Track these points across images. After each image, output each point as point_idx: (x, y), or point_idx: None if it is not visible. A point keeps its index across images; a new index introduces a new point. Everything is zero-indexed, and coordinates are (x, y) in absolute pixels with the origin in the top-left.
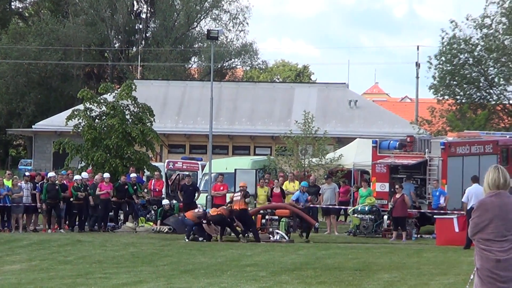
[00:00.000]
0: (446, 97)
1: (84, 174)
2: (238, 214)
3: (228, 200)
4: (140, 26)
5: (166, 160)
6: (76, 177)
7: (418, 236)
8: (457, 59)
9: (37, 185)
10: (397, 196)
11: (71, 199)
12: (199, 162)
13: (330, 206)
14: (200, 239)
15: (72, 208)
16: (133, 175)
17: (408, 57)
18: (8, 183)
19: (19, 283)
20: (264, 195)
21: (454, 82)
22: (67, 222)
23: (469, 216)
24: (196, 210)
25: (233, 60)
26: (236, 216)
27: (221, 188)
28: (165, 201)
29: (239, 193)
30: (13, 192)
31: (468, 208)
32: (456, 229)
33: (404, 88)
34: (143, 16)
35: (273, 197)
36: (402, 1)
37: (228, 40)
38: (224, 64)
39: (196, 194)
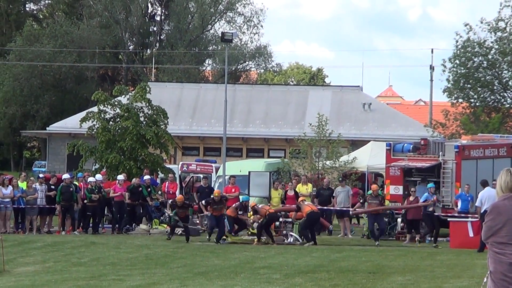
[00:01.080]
0: (460, 100)
1: (98, 176)
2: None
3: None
4: (155, 29)
5: (180, 163)
6: (90, 179)
7: (432, 239)
8: (471, 62)
9: (52, 186)
10: (411, 199)
11: (85, 201)
12: (213, 165)
13: (344, 209)
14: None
15: (86, 210)
16: (147, 177)
17: (422, 60)
18: (22, 185)
19: (32, 285)
20: (278, 197)
21: (468, 85)
22: (81, 224)
23: (482, 220)
24: (233, 205)
25: (247, 62)
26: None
27: (233, 190)
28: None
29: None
30: (27, 194)
31: (482, 211)
32: (471, 234)
33: (418, 91)
34: (158, 18)
35: (287, 200)
36: (416, 4)
37: (242, 42)
38: (238, 67)
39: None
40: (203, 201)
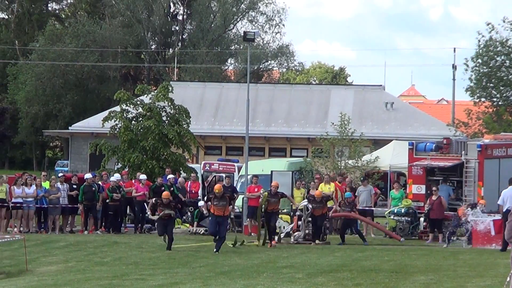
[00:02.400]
0: (483, 99)
1: (117, 176)
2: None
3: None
4: (177, 28)
5: (203, 162)
6: (112, 178)
7: (455, 238)
8: (494, 61)
9: (74, 186)
10: (434, 198)
11: (107, 201)
12: (235, 164)
13: (367, 208)
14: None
15: (108, 209)
16: (170, 176)
17: (444, 59)
18: (45, 184)
19: (55, 284)
20: (301, 197)
21: (491, 84)
22: (103, 223)
23: (505, 219)
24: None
25: (269, 62)
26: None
27: (256, 189)
28: (201, 203)
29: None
30: (50, 193)
31: (504, 210)
32: (492, 232)
33: (440, 90)
34: (180, 17)
35: (308, 198)
36: (438, 3)
37: (265, 42)
38: (261, 66)
39: (235, 195)
40: (205, 198)
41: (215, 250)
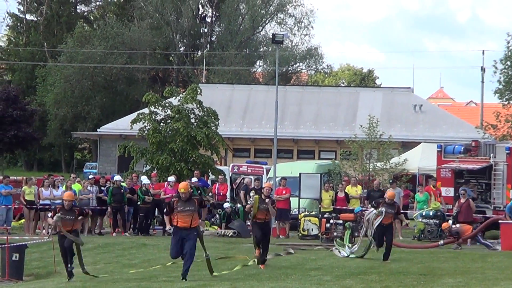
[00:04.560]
0: None
1: (144, 178)
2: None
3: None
4: (205, 30)
5: (231, 164)
6: (144, 181)
7: (486, 239)
8: None
9: (102, 188)
10: (462, 200)
11: (138, 203)
12: (263, 166)
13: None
14: None
15: (139, 211)
16: (194, 179)
17: (473, 62)
18: (75, 186)
19: (83, 286)
20: (329, 199)
21: None
22: (131, 225)
23: None
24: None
25: (298, 64)
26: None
27: (284, 192)
28: (226, 204)
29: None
30: (81, 193)
31: None
32: None
33: (469, 92)
34: (208, 20)
35: (337, 202)
36: (466, 6)
37: (293, 44)
38: (289, 68)
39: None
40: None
41: (182, 277)
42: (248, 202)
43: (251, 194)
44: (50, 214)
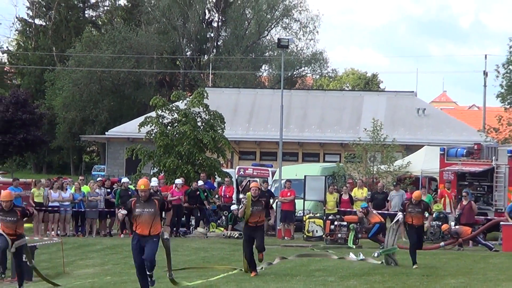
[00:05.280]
0: None
1: (154, 180)
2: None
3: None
4: (212, 35)
5: (237, 167)
6: (153, 183)
7: (488, 240)
8: None
9: (108, 190)
10: (464, 203)
11: None
12: (269, 169)
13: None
14: None
15: None
16: (200, 182)
17: (475, 66)
18: (84, 188)
19: (92, 287)
20: (333, 201)
21: None
22: None
23: None
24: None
25: (303, 68)
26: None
27: (288, 194)
28: (233, 207)
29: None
30: (90, 195)
31: None
32: None
33: (471, 96)
34: (215, 24)
35: (341, 204)
36: (469, 11)
37: (298, 48)
38: (294, 73)
39: (271, 200)
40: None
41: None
42: (240, 207)
43: (241, 196)
44: None
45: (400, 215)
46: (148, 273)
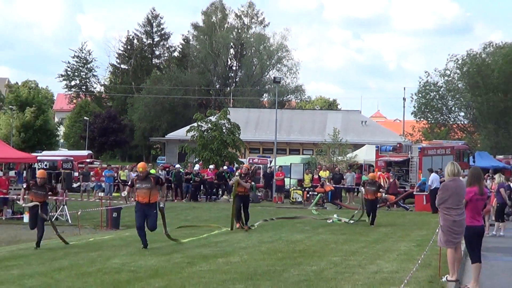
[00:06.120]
0: (422, 119)
1: (196, 166)
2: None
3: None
4: (231, 74)
5: (248, 157)
6: (195, 168)
7: (407, 204)
8: (429, 95)
9: (166, 172)
10: (391, 180)
11: (191, 181)
12: (268, 159)
13: (350, 186)
14: None
15: (191, 187)
16: (225, 167)
17: (398, 94)
18: (152, 171)
19: (157, 232)
20: (308, 179)
21: (427, 110)
22: (186, 195)
23: (431, 193)
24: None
25: (289, 96)
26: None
27: (280, 174)
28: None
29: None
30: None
31: (432, 188)
32: (424, 202)
33: (396, 113)
34: (234, 68)
35: (313, 181)
36: (394, 60)
37: (286, 83)
38: (284, 98)
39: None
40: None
41: (142, 246)
42: (233, 179)
43: (237, 174)
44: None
45: (362, 189)
46: (144, 239)
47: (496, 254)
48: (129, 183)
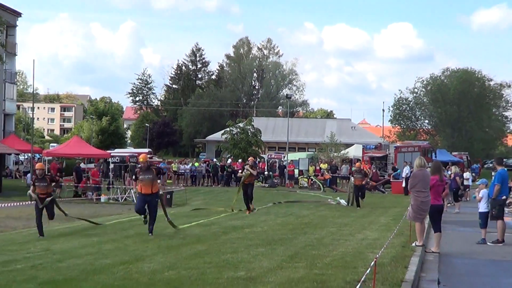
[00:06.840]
0: (397, 125)
1: (229, 160)
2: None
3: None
4: (254, 92)
5: (267, 154)
6: (228, 161)
7: (385, 189)
8: (402, 107)
9: (207, 164)
10: (374, 170)
11: (224, 171)
12: (281, 155)
13: (344, 175)
14: None
15: (225, 175)
16: (250, 159)
17: (379, 106)
18: (196, 164)
19: (188, 216)
20: (312, 170)
21: (400, 118)
22: (221, 182)
23: (405, 181)
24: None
25: (298, 108)
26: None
27: (292, 167)
28: (265, 173)
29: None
30: (198, 168)
31: (403, 175)
32: (403, 184)
33: (377, 120)
34: (257, 87)
35: (316, 171)
36: (375, 81)
37: (296, 98)
38: (294, 110)
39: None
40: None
41: (149, 232)
42: (244, 172)
43: (246, 167)
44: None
45: (351, 178)
46: (150, 227)
47: (452, 226)
48: (133, 176)
